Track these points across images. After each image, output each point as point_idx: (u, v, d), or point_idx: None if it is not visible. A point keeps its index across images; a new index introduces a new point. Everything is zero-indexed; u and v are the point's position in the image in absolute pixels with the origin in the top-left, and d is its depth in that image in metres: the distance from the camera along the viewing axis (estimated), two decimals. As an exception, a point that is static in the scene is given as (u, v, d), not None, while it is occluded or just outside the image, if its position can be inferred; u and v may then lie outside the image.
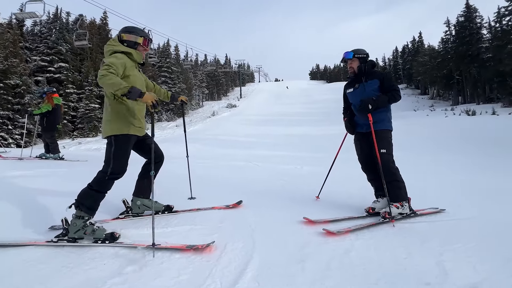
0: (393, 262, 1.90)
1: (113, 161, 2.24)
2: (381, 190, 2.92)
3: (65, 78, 27.24)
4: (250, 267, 1.84)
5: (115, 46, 2.35)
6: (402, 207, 2.73)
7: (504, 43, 27.90)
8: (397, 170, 2.80)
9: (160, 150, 2.73)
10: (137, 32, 2.44)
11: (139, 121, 2.41)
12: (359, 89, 2.95)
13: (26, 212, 2.68)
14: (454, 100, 36.30)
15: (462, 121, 17.25)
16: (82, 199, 2.20)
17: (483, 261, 1.89)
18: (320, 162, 8.34)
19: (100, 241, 2.13)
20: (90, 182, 2.25)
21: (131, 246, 2.08)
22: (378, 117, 2.85)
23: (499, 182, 5.08)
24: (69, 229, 2.15)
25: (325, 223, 2.58)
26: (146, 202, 2.69)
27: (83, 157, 7.44)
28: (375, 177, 2.95)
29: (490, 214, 2.98)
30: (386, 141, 2.82)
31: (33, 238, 2.19)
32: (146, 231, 2.33)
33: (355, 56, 2.91)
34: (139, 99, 2.07)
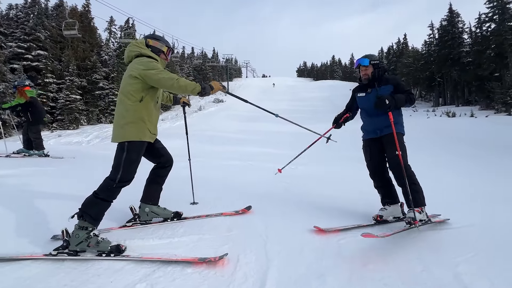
0: (412, 276, 1.87)
1: (123, 168, 2.11)
2: (388, 198, 2.91)
3: (43, 67, 25.81)
4: (269, 282, 1.75)
5: (142, 49, 2.31)
6: (422, 213, 2.62)
7: (484, 48, 29.15)
8: (413, 173, 2.72)
9: (169, 153, 2.64)
10: (163, 41, 2.45)
11: (155, 127, 2.36)
12: (371, 94, 2.88)
13: (18, 219, 2.44)
14: (435, 102, 37.65)
15: (443, 123, 17.88)
16: (86, 208, 2.03)
17: (496, 272, 1.91)
18: (311, 161, 8.39)
19: (104, 254, 1.97)
20: (96, 190, 2.09)
21: (139, 259, 1.94)
22: (389, 121, 2.78)
23: (487, 185, 5.26)
24: (70, 241, 1.97)
25: (335, 232, 2.53)
26: (154, 209, 2.58)
27: (68, 153, 7.05)
28: (383, 184, 2.91)
29: (491, 220, 3.05)
30: (400, 143, 2.74)
31: (29, 251, 1.99)
32: (153, 242, 2.20)
33: (370, 63, 2.86)
34: (212, 92, 2.22)
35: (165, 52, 2.41)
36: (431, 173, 6.49)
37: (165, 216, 2.62)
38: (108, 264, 1.89)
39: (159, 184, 2.63)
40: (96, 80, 28.26)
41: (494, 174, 6.73)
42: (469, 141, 12.55)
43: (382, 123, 2.83)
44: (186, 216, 2.75)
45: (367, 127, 2.98)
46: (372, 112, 2.90)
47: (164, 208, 2.64)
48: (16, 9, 28.57)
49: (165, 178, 2.65)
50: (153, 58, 2.29)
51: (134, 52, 2.30)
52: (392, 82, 2.84)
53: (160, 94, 2.41)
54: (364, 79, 2.91)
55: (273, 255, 2.08)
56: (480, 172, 7.18)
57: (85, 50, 29.26)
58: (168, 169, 2.64)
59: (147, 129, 2.23)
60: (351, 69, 69.44)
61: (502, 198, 4.07)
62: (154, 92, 2.28)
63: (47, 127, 24.29)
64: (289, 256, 2.09)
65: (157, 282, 1.73)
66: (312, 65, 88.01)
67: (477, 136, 13.23)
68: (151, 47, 2.35)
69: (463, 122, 17.43)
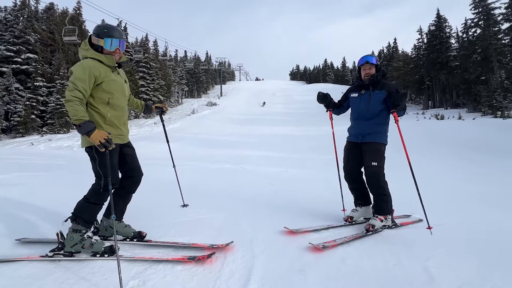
0: (385, 270, 2.04)
1: (103, 174, 2.09)
2: (361, 199, 2.98)
3: (33, 70, 25.53)
4: (254, 277, 1.89)
5: (85, 51, 2.16)
6: (385, 220, 2.77)
7: (470, 52, 30.01)
8: (386, 184, 2.78)
9: (137, 163, 2.41)
10: (100, 32, 2.16)
11: (117, 128, 2.22)
12: (364, 96, 2.83)
13: (13, 223, 2.54)
14: (424, 105, 38.45)
15: (431, 125, 18.34)
16: (79, 213, 2.12)
17: (463, 266, 2.09)
18: (302, 164, 8.58)
19: (98, 254, 2.08)
20: (86, 195, 2.16)
21: (131, 259, 2.06)
22: (376, 129, 2.78)
23: (466, 185, 5.52)
24: (65, 243, 2.07)
25: (305, 233, 2.61)
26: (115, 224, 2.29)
27: (57, 157, 7.08)
28: (357, 186, 2.96)
29: (463, 218, 3.26)
30: (379, 154, 2.74)
31: (25, 253, 2.10)
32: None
33: (376, 62, 2.81)
34: (87, 137, 1.94)
35: (102, 45, 2.15)
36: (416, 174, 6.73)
37: (124, 234, 2.36)
38: (102, 263, 2.01)
39: (123, 197, 2.37)
40: (88, 83, 28.04)
41: (475, 175, 7.03)
42: (454, 142, 12.98)
43: (366, 129, 2.81)
44: (150, 238, 2.40)
45: (351, 130, 2.99)
46: (359, 115, 2.87)
47: (126, 225, 2.39)
48: (5, 12, 28.19)
49: (131, 190, 2.39)
50: (94, 58, 2.12)
51: (81, 57, 2.18)
52: (387, 89, 2.75)
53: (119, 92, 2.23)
54: (366, 78, 2.82)
55: (258, 253, 2.23)
56: (463, 172, 7.48)
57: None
58: (133, 180, 2.38)
59: (104, 130, 2.10)
60: (343, 73, 70.34)
61: (477, 198, 4.30)
62: (102, 93, 2.13)
63: (37, 132, 24.00)
64: (274, 254, 2.24)
65: (149, 279, 1.85)
66: (305, 68, 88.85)
67: (462, 138, 13.67)
68: (94, 45, 2.17)
69: (451, 125, 17.95)
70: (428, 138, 14.23)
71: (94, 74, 2.06)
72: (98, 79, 2.09)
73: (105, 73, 2.13)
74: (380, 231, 2.73)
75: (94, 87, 2.09)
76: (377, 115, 2.80)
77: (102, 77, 2.11)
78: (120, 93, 2.25)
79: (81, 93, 2.00)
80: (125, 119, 2.34)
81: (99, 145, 1.95)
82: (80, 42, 22.01)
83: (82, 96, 2.00)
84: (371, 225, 2.67)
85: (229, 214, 3.17)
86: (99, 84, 2.10)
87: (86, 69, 2.04)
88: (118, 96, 2.23)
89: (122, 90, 2.28)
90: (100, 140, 1.94)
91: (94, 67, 2.08)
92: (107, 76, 2.14)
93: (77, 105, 1.95)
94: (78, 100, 1.97)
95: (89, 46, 2.17)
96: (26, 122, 23.62)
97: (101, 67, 2.13)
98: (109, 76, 2.16)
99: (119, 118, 2.25)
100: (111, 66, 2.19)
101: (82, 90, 2.00)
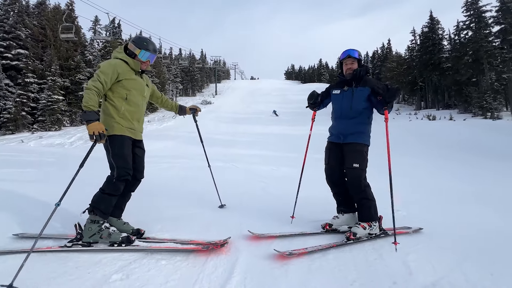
0: (366, 264, 2.09)
1: (115, 165, 2.24)
2: (343, 206, 2.74)
3: (24, 66, 25.08)
4: (237, 271, 1.93)
5: (118, 53, 2.42)
6: (370, 228, 2.52)
7: (462, 54, 30.49)
8: (367, 188, 2.58)
9: (142, 165, 2.53)
10: (138, 43, 2.41)
11: (128, 121, 2.36)
12: (347, 93, 2.67)
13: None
14: (417, 105, 38.95)
15: (423, 126, 18.62)
16: (96, 204, 2.23)
17: (441, 261, 2.15)
18: (295, 163, 8.64)
19: (116, 244, 2.17)
20: (102, 187, 2.27)
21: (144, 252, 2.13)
22: (358, 128, 2.62)
23: (455, 185, 5.64)
24: (84, 233, 2.18)
25: (270, 238, 2.45)
26: (113, 222, 2.40)
27: (47, 154, 7.00)
28: (339, 191, 2.75)
29: (447, 216, 3.34)
30: (361, 155, 2.57)
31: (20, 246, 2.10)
32: (142, 239, 2.34)
33: (358, 56, 2.67)
34: (85, 124, 2.10)
35: (137, 54, 2.39)
36: (408, 173, 6.86)
37: (123, 231, 2.37)
38: (87, 256, 2.03)
39: (123, 195, 2.41)
40: (80, 80, 27.69)
41: (464, 175, 7.18)
42: (446, 143, 13.20)
43: (348, 128, 2.64)
44: (148, 235, 2.44)
45: (333, 130, 2.81)
46: (341, 114, 2.71)
47: (125, 223, 2.46)
48: (-5, 6, 27.65)
49: (131, 189, 2.47)
50: (123, 60, 2.35)
51: (112, 57, 2.43)
52: (371, 86, 2.59)
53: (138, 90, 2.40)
54: (348, 73, 2.68)
55: (243, 248, 2.26)
56: (451, 172, 7.62)
57: (69, 50, 28.63)
58: (135, 180, 2.46)
59: (117, 123, 2.28)
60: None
61: (463, 198, 4.41)
62: (121, 89, 2.31)
63: (27, 129, 23.63)
64: (258, 249, 2.27)
65: (133, 272, 1.87)
66: (300, 68, 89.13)
67: (453, 138, 13.93)
68: (128, 50, 2.42)
69: (442, 125, 18.24)
70: (420, 139, 14.46)
71: (117, 71, 2.29)
72: (120, 76, 2.30)
73: (127, 72, 2.36)
74: (365, 240, 2.47)
75: (115, 82, 2.30)
76: (360, 114, 2.63)
77: (124, 74, 2.33)
78: (139, 92, 2.44)
79: (102, 85, 2.20)
80: (139, 116, 2.49)
81: (90, 135, 2.06)
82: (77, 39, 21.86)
83: (102, 87, 2.21)
84: (352, 233, 2.45)
85: (216, 210, 3.20)
86: (120, 81, 2.31)
87: (112, 65, 2.28)
88: (136, 94, 2.42)
89: (141, 90, 2.47)
90: (95, 131, 2.05)
91: (119, 65, 2.32)
92: (129, 76, 2.37)
93: (94, 94, 2.14)
94: (96, 90, 2.16)
95: (123, 51, 2.43)
96: (16, 119, 23.23)
97: (126, 67, 2.36)
98: (131, 76, 2.38)
99: (133, 113, 2.40)
100: (135, 70, 2.42)
101: (103, 82, 2.21)
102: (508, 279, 1.93)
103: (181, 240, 2.34)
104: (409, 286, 1.83)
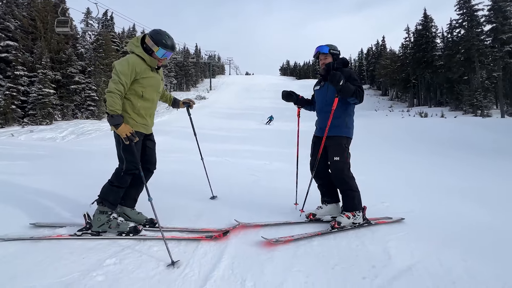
0: (348, 249, 2.22)
1: (125, 158, 2.31)
2: (327, 196, 2.85)
3: (13, 59, 24.55)
4: (225, 256, 2.03)
5: (134, 47, 2.37)
6: (354, 217, 2.61)
7: (454, 52, 30.91)
8: (351, 179, 2.65)
9: (155, 158, 2.62)
10: (158, 39, 2.33)
11: (142, 118, 2.40)
12: (323, 88, 2.76)
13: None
14: (410, 102, 39.46)
15: (416, 123, 18.93)
16: (105, 195, 2.31)
17: (419, 248, 2.28)
18: (287, 158, 8.75)
19: (124, 234, 2.26)
20: (110, 179, 2.35)
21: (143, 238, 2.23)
22: (334, 122, 2.65)
23: (442, 179, 5.82)
24: (92, 223, 2.26)
25: (256, 227, 2.55)
26: (127, 211, 2.52)
27: (38, 147, 6.97)
28: (323, 182, 2.84)
29: (430, 208, 3.49)
30: (340, 148, 2.63)
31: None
32: (155, 228, 2.44)
33: (330, 52, 2.72)
34: (114, 128, 2.16)
35: (155, 51, 2.33)
36: (400, 167, 7.03)
37: (137, 221, 2.51)
38: (81, 243, 2.10)
39: (136, 186, 2.52)
40: (72, 73, 27.27)
41: (454, 169, 7.40)
42: (436, 139, 13.49)
43: (325, 122, 2.70)
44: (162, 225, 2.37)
45: (316, 124, 2.90)
46: (320, 108, 2.81)
47: (139, 213, 2.56)
48: (-17, -4, 26.91)
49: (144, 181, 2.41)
50: (140, 56, 2.31)
51: (128, 50, 2.40)
52: (345, 75, 2.58)
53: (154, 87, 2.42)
54: (322, 68, 2.75)
55: (232, 236, 2.36)
56: (441, 167, 7.84)
57: (60, 42, 28.08)
58: (148, 172, 2.56)
59: (131, 118, 2.33)
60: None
61: (445, 191, 4.57)
62: (137, 87, 2.32)
63: (17, 122, 23.25)
64: (246, 236, 2.37)
65: (125, 257, 1.96)
66: (295, 64, 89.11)
67: (444, 135, 14.23)
68: (146, 44, 2.34)
69: (434, 122, 18.58)
70: (412, 136, 14.72)
71: (135, 70, 2.28)
72: (138, 74, 2.30)
73: (144, 70, 2.34)
74: (349, 228, 2.58)
75: (133, 80, 2.30)
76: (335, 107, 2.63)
77: (142, 73, 2.32)
78: (155, 88, 2.45)
79: (123, 87, 2.23)
80: (153, 111, 2.54)
81: (124, 138, 2.16)
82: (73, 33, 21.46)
83: (123, 89, 2.23)
84: (337, 222, 2.54)
85: (207, 201, 3.29)
86: (137, 79, 2.32)
87: (130, 65, 2.26)
88: (152, 90, 2.43)
89: (157, 86, 2.49)
90: (126, 133, 2.16)
91: (137, 63, 2.29)
92: (146, 73, 2.36)
93: (117, 98, 2.18)
94: (119, 94, 2.19)
95: (139, 44, 2.36)
96: (6, 112, 22.80)
97: (143, 64, 2.33)
98: (148, 73, 2.37)
99: (147, 109, 2.44)
100: (152, 66, 2.40)
101: (124, 84, 2.23)
102: (480, 265, 2.06)
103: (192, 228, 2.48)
104: (387, 269, 1.95)
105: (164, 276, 1.79)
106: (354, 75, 2.65)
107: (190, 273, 1.81)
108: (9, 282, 1.65)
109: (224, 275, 1.81)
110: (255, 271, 1.87)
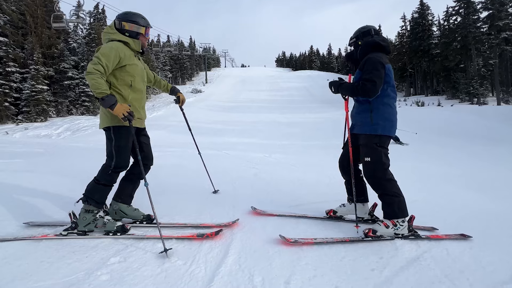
0: (356, 242, 2.19)
1: (115, 155, 2.20)
2: (352, 194, 2.51)
3: (4, 55, 23.99)
4: (232, 251, 2.00)
5: (112, 34, 2.24)
6: (395, 227, 2.22)
7: (450, 40, 30.79)
8: (388, 182, 2.29)
9: (151, 152, 2.54)
10: (139, 21, 2.29)
11: (136, 111, 2.29)
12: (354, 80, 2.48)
13: None
14: (406, 92, 39.46)
15: (412, 112, 18.94)
16: (90, 194, 2.21)
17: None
18: (287, 150, 8.73)
19: (111, 233, 2.18)
20: (96, 176, 2.24)
21: (139, 237, 2.16)
22: (358, 119, 2.41)
23: (444, 169, 5.84)
24: (78, 222, 2.17)
25: (270, 215, 2.58)
26: (123, 208, 2.43)
27: (34, 145, 6.87)
28: (348, 179, 2.58)
29: (434, 197, 3.49)
30: (371, 147, 2.30)
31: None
32: (153, 224, 2.39)
33: (349, 44, 2.56)
34: (110, 110, 2.02)
35: (143, 33, 2.29)
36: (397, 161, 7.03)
37: (134, 217, 2.44)
38: (83, 242, 2.05)
39: (133, 182, 2.47)
40: (65, 69, 26.81)
41: (451, 157, 7.43)
42: (432, 128, 13.52)
43: (357, 118, 2.43)
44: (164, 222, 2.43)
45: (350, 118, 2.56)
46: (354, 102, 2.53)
47: (136, 209, 2.47)
48: (-31, -9, 26.10)
49: (141, 176, 2.35)
50: (122, 41, 2.21)
51: (105, 40, 2.28)
52: (360, 67, 2.35)
53: (140, 76, 2.32)
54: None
55: (237, 231, 2.33)
56: (439, 155, 7.87)
57: (51, 37, 27.47)
58: (146, 170, 2.44)
59: None
60: (328, 59, 70.58)
61: (442, 178, 4.59)
62: (125, 75, 2.21)
63: (11, 120, 22.91)
64: (252, 231, 2.34)
65: (130, 255, 1.92)
66: (291, 55, 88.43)
67: (440, 124, 14.27)
68: (128, 32, 2.25)
69: (431, 111, 18.62)
70: (409, 126, 14.74)
71: (119, 55, 2.14)
72: (123, 60, 2.17)
73: (129, 56, 2.22)
74: (390, 239, 2.20)
75: (117, 68, 2.17)
76: (360, 102, 2.42)
77: (127, 59, 2.20)
78: (141, 78, 2.35)
79: (103, 68, 2.06)
80: (144, 103, 2.44)
81: (123, 118, 2.03)
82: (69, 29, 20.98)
83: (103, 70, 2.06)
84: (372, 230, 2.21)
85: (209, 195, 3.25)
86: (123, 66, 2.19)
87: (113, 48, 2.13)
88: (139, 80, 2.33)
89: (142, 75, 2.38)
90: (123, 112, 2.03)
91: (121, 48, 2.17)
92: (131, 60, 2.24)
93: (99, 78, 2.02)
94: (99, 73, 2.03)
95: (115, 30, 2.25)
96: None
97: (127, 50, 2.22)
98: (132, 60, 2.26)
99: (139, 101, 2.35)
100: (136, 50, 2.31)
101: (104, 65, 2.07)
102: (485, 252, 2.06)
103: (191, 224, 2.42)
104: (395, 260, 1.94)
105: (171, 273, 1.75)
106: (367, 65, 2.27)
107: (196, 270, 1.78)
108: (12, 284, 1.61)
109: (232, 271, 1.78)
110: (263, 266, 1.84)
